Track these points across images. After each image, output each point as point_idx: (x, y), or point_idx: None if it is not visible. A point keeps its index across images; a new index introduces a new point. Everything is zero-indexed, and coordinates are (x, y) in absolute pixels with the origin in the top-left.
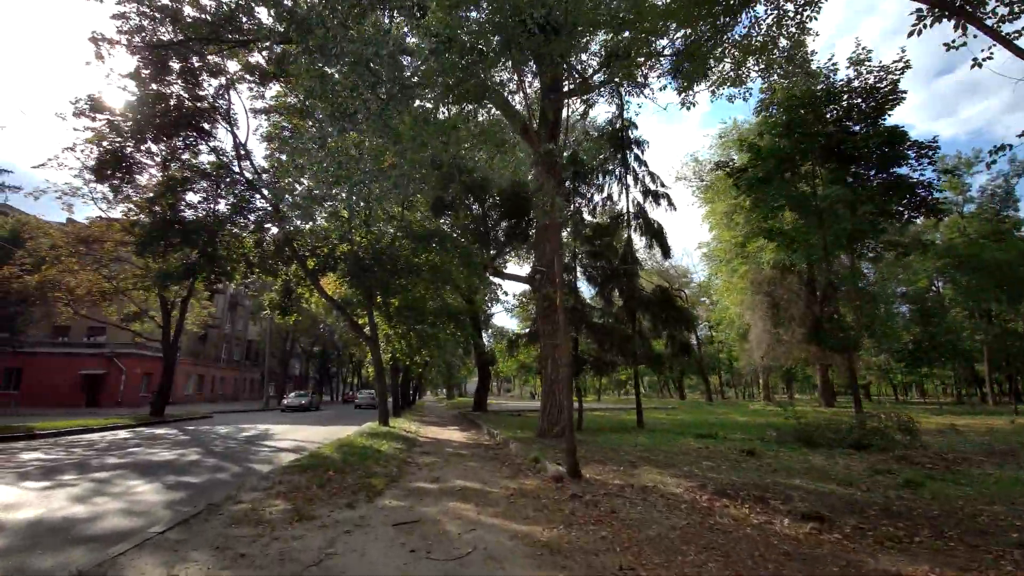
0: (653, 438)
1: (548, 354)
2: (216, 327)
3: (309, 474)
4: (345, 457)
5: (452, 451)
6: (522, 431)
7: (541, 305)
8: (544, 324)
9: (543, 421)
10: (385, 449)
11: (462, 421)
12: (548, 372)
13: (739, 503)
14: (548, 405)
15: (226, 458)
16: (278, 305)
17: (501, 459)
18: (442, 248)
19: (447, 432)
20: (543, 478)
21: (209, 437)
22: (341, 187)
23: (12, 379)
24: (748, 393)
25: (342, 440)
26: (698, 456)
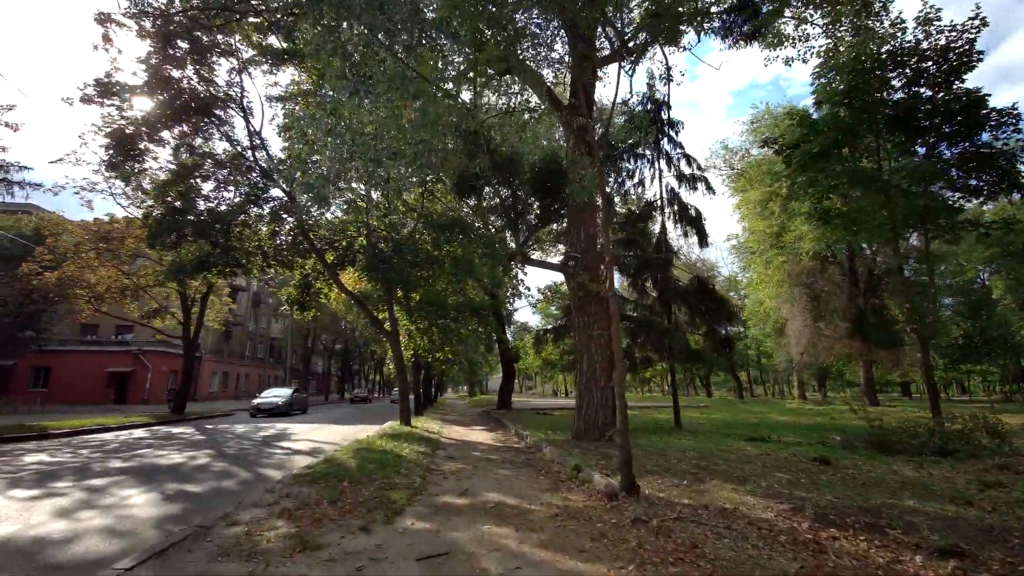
0: (699, 440)
1: (583, 349)
2: (239, 324)
3: (320, 485)
4: (362, 464)
5: (480, 455)
6: (553, 432)
7: (575, 295)
8: (579, 316)
9: (579, 422)
10: (407, 453)
11: (487, 420)
12: (584, 368)
13: (850, 533)
14: (584, 405)
15: (237, 462)
16: (296, 300)
17: (536, 466)
18: (464, 238)
19: (473, 433)
20: (591, 493)
21: (224, 437)
22: (355, 163)
23: (41, 377)
24: (778, 391)
25: (361, 442)
26: (764, 465)
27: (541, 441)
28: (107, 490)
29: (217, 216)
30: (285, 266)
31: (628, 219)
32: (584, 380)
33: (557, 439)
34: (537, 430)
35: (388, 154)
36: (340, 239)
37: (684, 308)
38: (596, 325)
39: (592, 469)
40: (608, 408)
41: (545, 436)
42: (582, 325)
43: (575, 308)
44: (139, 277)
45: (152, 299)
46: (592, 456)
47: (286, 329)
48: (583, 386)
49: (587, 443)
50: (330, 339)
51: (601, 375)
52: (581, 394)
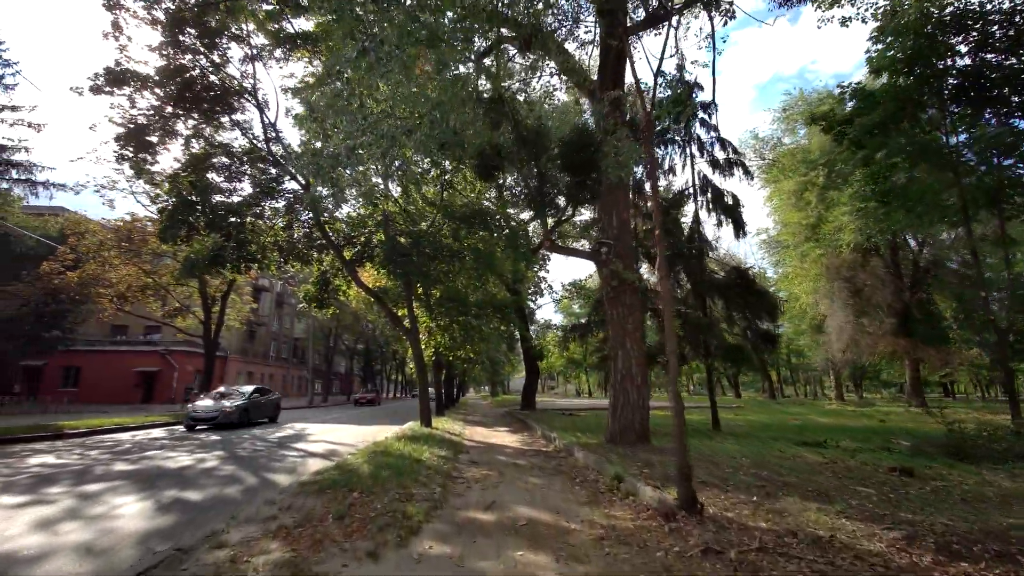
0: (746, 445)
1: (617, 344)
2: (263, 325)
3: (328, 496)
4: (377, 470)
5: (506, 460)
6: (583, 434)
7: (607, 285)
8: (612, 308)
9: (613, 424)
10: (426, 458)
11: (511, 421)
12: (618, 366)
13: (982, 567)
14: (619, 405)
15: (247, 465)
16: (315, 298)
17: (568, 473)
18: (485, 230)
19: (496, 434)
20: (638, 508)
21: (240, 437)
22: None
23: (71, 377)
24: (810, 391)
25: (378, 445)
26: (837, 476)
27: (572, 445)
28: (100, 497)
29: (229, 208)
30: (303, 261)
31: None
32: (619, 378)
33: (589, 442)
34: (565, 432)
35: (403, 130)
36: (358, 234)
37: (720, 302)
38: (631, 318)
39: (635, 479)
40: (645, 409)
41: (575, 439)
42: (616, 318)
43: (608, 300)
44: (160, 276)
45: (175, 299)
46: (631, 463)
47: (308, 329)
48: (617, 385)
49: (623, 447)
50: (352, 339)
51: (637, 372)
52: (615, 393)
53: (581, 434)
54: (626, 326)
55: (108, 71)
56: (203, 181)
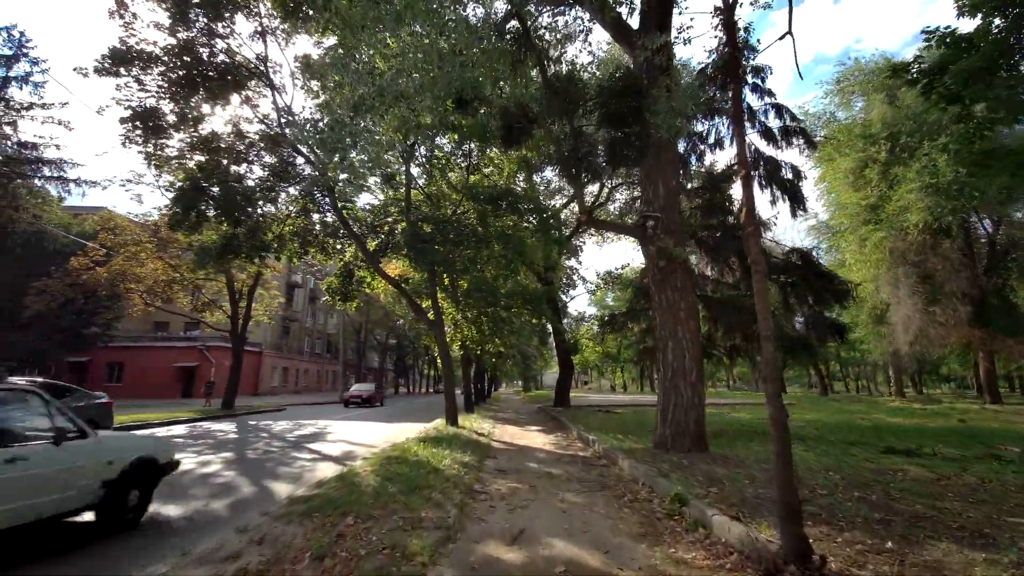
0: (822, 453)
1: (667, 333)
2: (296, 320)
3: (315, 522)
4: (383, 484)
5: (538, 468)
6: (624, 437)
7: (654, 266)
8: (660, 292)
9: (663, 427)
10: (446, 466)
11: (544, 419)
12: (668, 358)
13: None
14: (670, 405)
15: (250, 469)
16: (338, 290)
17: (613, 488)
18: (514, 212)
19: (528, 434)
20: (717, 551)
21: (258, 436)
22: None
23: (115, 372)
24: (862, 387)
25: (396, 448)
26: (964, 500)
27: (614, 450)
28: None
29: (240, 193)
30: (324, 252)
31: (706, 183)
32: (669, 373)
33: (633, 448)
34: (604, 433)
35: (414, 86)
36: (381, 223)
37: (775, 289)
38: (683, 303)
39: (703, 502)
40: (701, 409)
41: (617, 442)
42: (665, 304)
43: (655, 283)
44: (185, 270)
45: (205, 295)
46: (691, 477)
47: (339, 324)
48: (667, 381)
49: (676, 455)
50: (383, 334)
51: (692, 367)
52: (665, 391)
53: (622, 436)
54: (677, 313)
55: (114, 51)
56: (212, 161)
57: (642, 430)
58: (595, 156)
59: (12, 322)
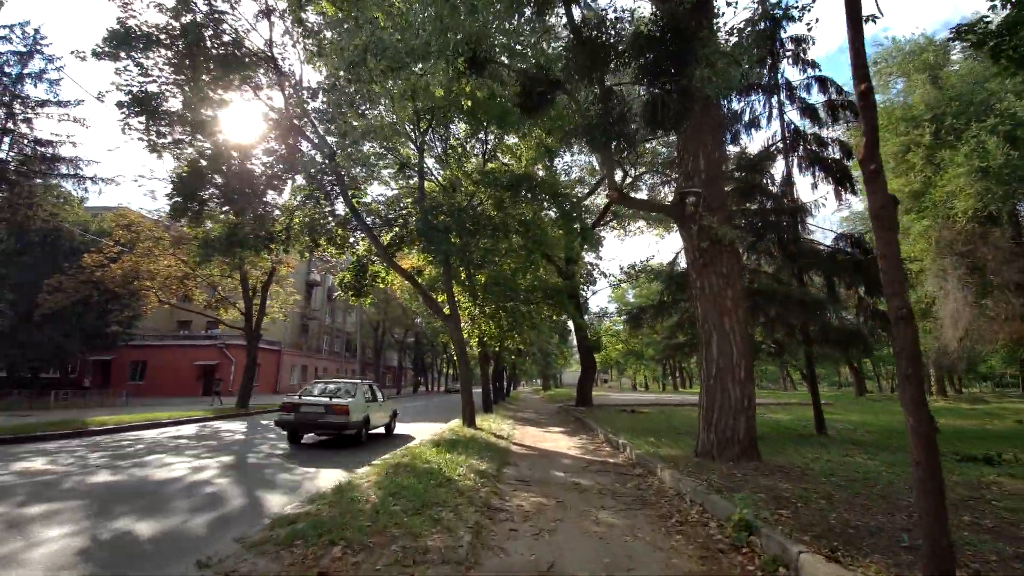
0: (889, 463)
1: (711, 326)
2: (315, 319)
3: (296, 552)
4: (385, 500)
5: (565, 477)
6: (658, 441)
7: (695, 248)
8: (702, 278)
9: (706, 432)
10: (460, 475)
11: (566, 419)
12: (712, 354)
13: None
14: (714, 407)
15: (245, 477)
16: (351, 285)
17: (655, 504)
18: (534, 199)
19: (550, 437)
20: None
21: (265, 437)
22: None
23: (139, 370)
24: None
25: (407, 452)
26: None
27: (650, 458)
28: (25, 528)
29: (244, 179)
30: (334, 245)
31: (742, 163)
32: (714, 371)
33: (672, 455)
34: (635, 436)
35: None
36: (396, 216)
37: (820, 276)
38: (730, 290)
39: (776, 531)
40: (751, 412)
41: (651, 448)
42: (708, 291)
43: (697, 269)
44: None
45: (220, 291)
46: (748, 492)
47: (357, 322)
48: (711, 380)
49: (724, 464)
50: (402, 332)
51: (740, 363)
52: (708, 392)
53: (655, 440)
54: (723, 302)
55: (112, 33)
56: (214, 147)
57: (675, 434)
58: (628, 120)
59: (29, 320)
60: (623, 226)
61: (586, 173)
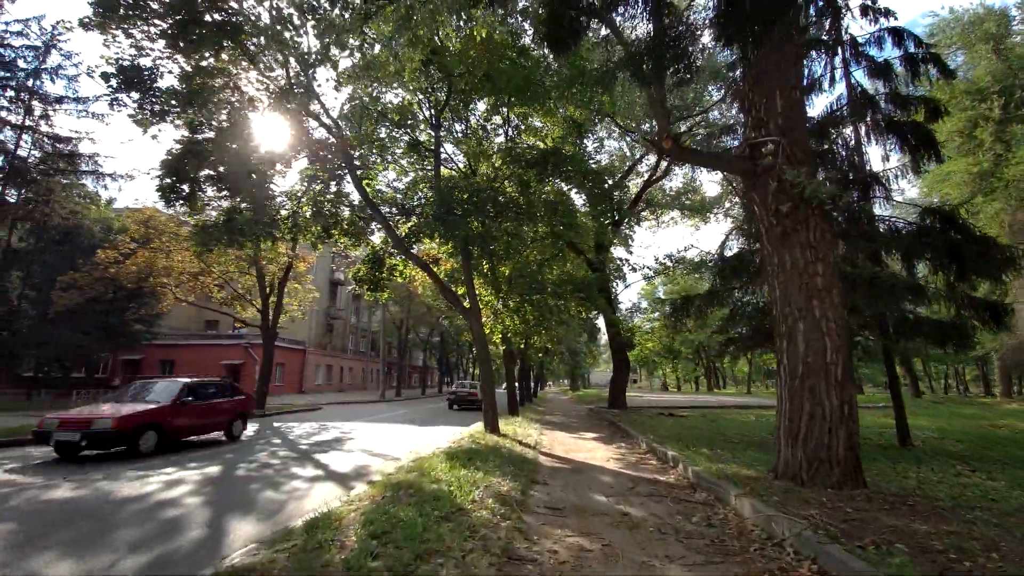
0: (1013, 480)
1: (794, 313)
2: (339, 318)
3: None
4: (365, 548)
5: (607, 503)
6: (713, 453)
7: (770, 214)
8: (781, 251)
9: (791, 448)
10: (474, 501)
11: (599, 423)
12: (798, 349)
13: None
14: (802, 416)
15: (229, 493)
16: (367, 279)
17: (738, 551)
18: (561, 174)
19: (584, 445)
20: None
21: (269, 443)
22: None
23: (167, 370)
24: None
25: (417, 465)
26: None
27: (715, 479)
28: None
29: (239, 158)
30: (347, 235)
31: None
32: (799, 370)
33: (740, 474)
34: (684, 447)
35: None
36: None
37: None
38: (821, 265)
39: None
40: (852, 423)
41: (713, 465)
42: (791, 268)
43: (773, 240)
44: (211, 262)
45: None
46: (883, 542)
47: (381, 321)
48: (795, 382)
49: (817, 491)
50: (427, 331)
51: (836, 359)
52: (792, 396)
53: (708, 451)
54: (812, 280)
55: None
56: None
57: (730, 444)
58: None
59: (50, 319)
60: (656, 216)
61: (616, 159)
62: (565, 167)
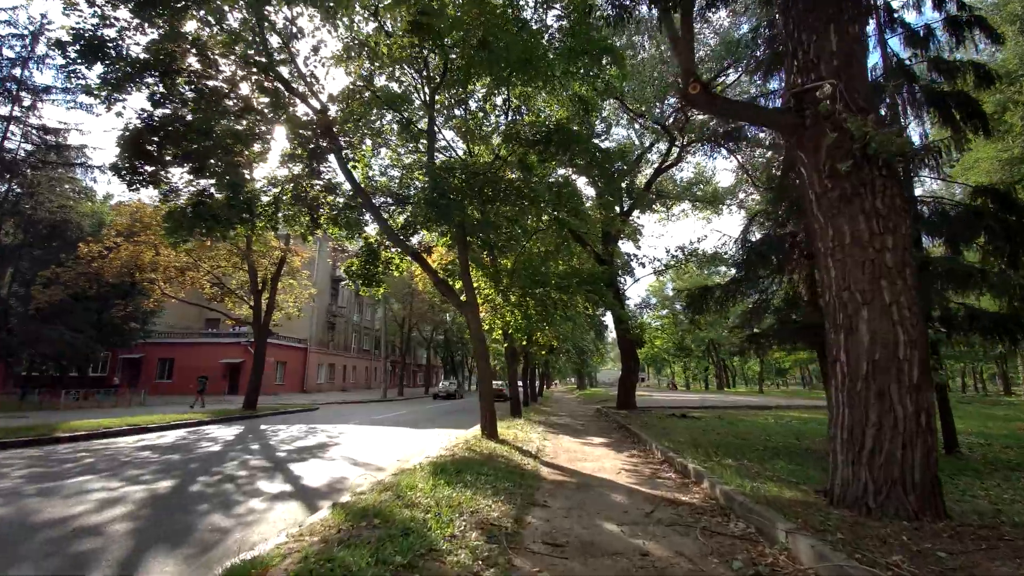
0: None
1: (855, 298)
2: (342, 316)
3: None
4: None
5: (623, 538)
6: (736, 462)
7: (822, 176)
8: (839, 219)
9: (851, 468)
10: (454, 536)
11: (607, 426)
12: (860, 342)
13: None
14: (865, 428)
15: (166, 516)
16: (360, 273)
17: None
18: (566, 151)
19: (591, 452)
20: None
21: (247, 449)
22: None
23: (167, 369)
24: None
25: (394, 480)
26: None
27: (753, 504)
28: None
29: (203, 129)
30: (337, 225)
31: None
32: (863, 369)
33: (783, 497)
34: (706, 456)
35: None
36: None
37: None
38: (892, 238)
39: None
40: (930, 436)
41: (745, 483)
42: (851, 242)
43: (826, 207)
44: (200, 256)
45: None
46: None
47: (383, 318)
48: (858, 383)
49: (892, 522)
50: (430, 329)
51: (910, 356)
52: (852, 401)
53: (732, 460)
54: (879, 256)
55: None
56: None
57: (758, 452)
58: None
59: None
60: (666, 208)
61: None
62: (571, 146)
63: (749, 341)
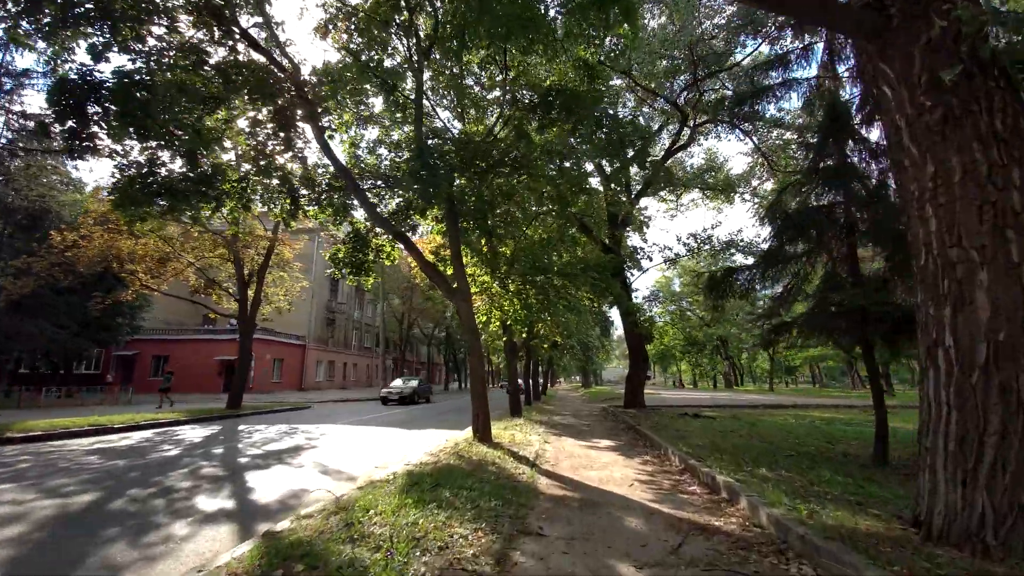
0: None
1: (964, 259)
2: (341, 312)
3: None
4: None
5: None
6: (773, 472)
7: (918, 86)
8: (940, 151)
9: (962, 491)
10: None
11: (615, 427)
12: (981, 319)
13: None
14: (980, 434)
15: (50, 549)
16: (347, 261)
17: None
18: (569, 114)
19: (598, 458)
20: None
21: (208, 453)
22: None
23: (161, 366)
24: None
25: (343, 507)
26: None
27: (822, 539)
28: None
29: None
30: (320, 207)
31: None
32: (982, 354)
33: (853, 526)
34: (736, 466)
35: None
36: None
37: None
38: (1018, 171)
39: None
40: None
41: (801, 505)
42: (961, 179)
43: (920, 135)
44: (182, 246)
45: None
46: None
47: (382, 315)
48: (972, 375)
49: (1007, 572)
50: (430, 326)
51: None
52: (961, 398)
53: (767, 470)
54: (1001, 197)
55: None
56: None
57: (788, 457)
58: None
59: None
60: (676, 196)
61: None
62: (575, 110)
63: (777, 331)
